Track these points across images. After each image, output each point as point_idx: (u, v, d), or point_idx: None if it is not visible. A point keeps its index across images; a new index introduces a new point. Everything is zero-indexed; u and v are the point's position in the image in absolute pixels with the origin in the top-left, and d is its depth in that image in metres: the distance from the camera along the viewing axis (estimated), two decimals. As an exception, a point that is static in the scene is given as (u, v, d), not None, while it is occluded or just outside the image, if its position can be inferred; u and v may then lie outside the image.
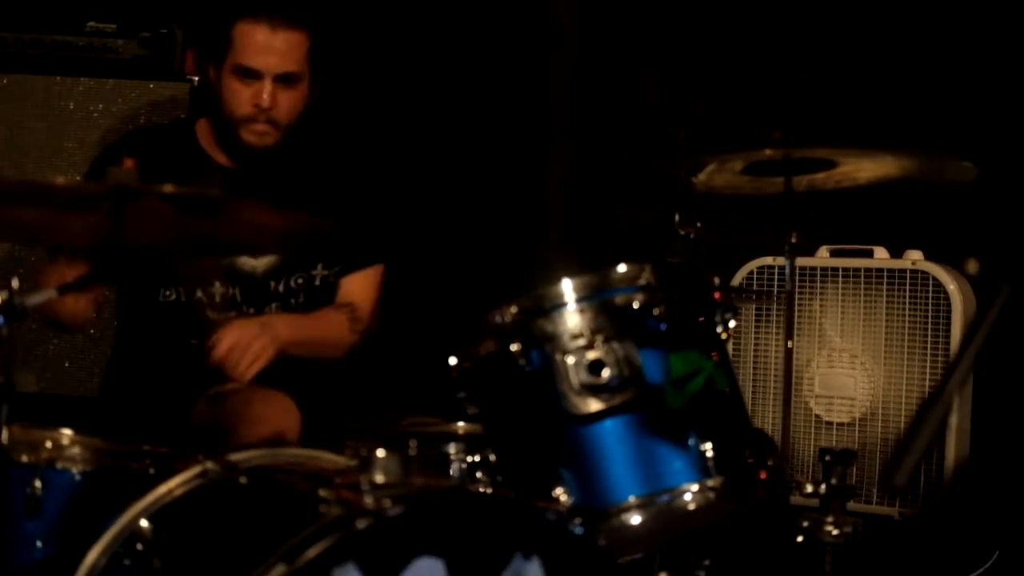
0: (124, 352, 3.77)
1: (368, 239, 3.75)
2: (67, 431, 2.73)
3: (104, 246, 2.67)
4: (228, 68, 3.53)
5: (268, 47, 3.50)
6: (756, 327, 4.27)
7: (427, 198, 4.57)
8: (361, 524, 2.19)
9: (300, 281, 3.67)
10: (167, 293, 3.60)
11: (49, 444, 2.68)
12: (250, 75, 3.51)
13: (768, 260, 4.24)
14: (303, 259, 3.68)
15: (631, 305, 2.62)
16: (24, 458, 2.63)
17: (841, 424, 4.16)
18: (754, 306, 4.24)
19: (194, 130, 3.71)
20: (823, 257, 4.21)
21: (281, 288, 3.65)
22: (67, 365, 4.29)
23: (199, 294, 3.59)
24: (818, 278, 4.19)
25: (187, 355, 3.57)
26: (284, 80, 3.53)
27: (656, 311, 2.62)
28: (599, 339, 2.58)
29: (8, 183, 2.74)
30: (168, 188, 2.54)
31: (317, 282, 3.69)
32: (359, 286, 3.76)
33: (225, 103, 3.55)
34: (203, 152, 3.66)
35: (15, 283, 2.30)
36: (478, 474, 2.63)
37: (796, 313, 3.95)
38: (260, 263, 3.63)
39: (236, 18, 3.51)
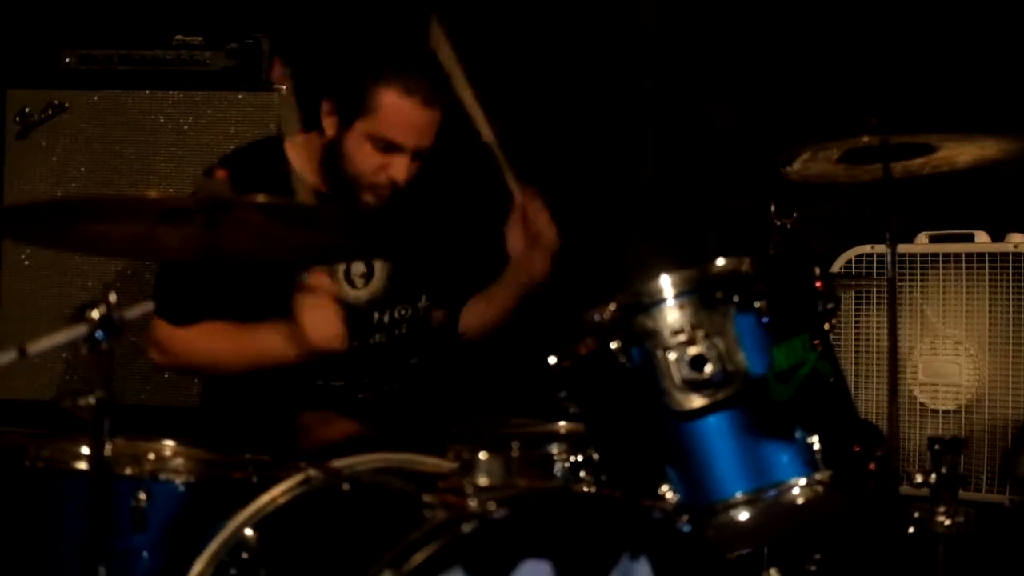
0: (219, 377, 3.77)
1: (475, 269, 3.75)
2: (169, 442, 2.74)
3: (200, 257, 2.66)
4: (362, 131, 3.41)
5: (416, 125, 3.40)
6: (856, 316, 4.20)
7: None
8: (467, 528, 2.17)
9: (404, 312, 3.65)
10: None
11: (152, 456, 2.69)
12: (391, 148, 3.41)
13: (867, 248, 4.17)
14: (407, 290, 3.65)
15: (731, 298, 2.58)
16: (128, 471, 2.64)
17: (947, 411, 4.09)
18: (854, 295, 4.18)
19: (284, 148, 3.63)
20: (923, 243, 4.14)
21: (386, 319, 3.63)
22: (167, 376, 4.31)
23: None
24: (918, 264, 4.12)
25: (283, 386, 3.54)
26: (418, 155, 3.45)
27: (757, 304, 2.58)
28: (700, 334, 2.55)
29: (103, 199, 2.75)
30: (260, 199, 2.55)
31: (422, 314, 3.68)
32: None
33: (349, 161, 3.45)
34: (293, 170, 3.57)
35: (112, 297, 2.30)
36: (582, 473, 2.61)
37: (897, 300, 3.89)
38: (364, 293, 3.60)
39: (381, 83, 3.39)
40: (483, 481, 2.39)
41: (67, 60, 4.46)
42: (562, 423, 2.91)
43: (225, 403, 3.65)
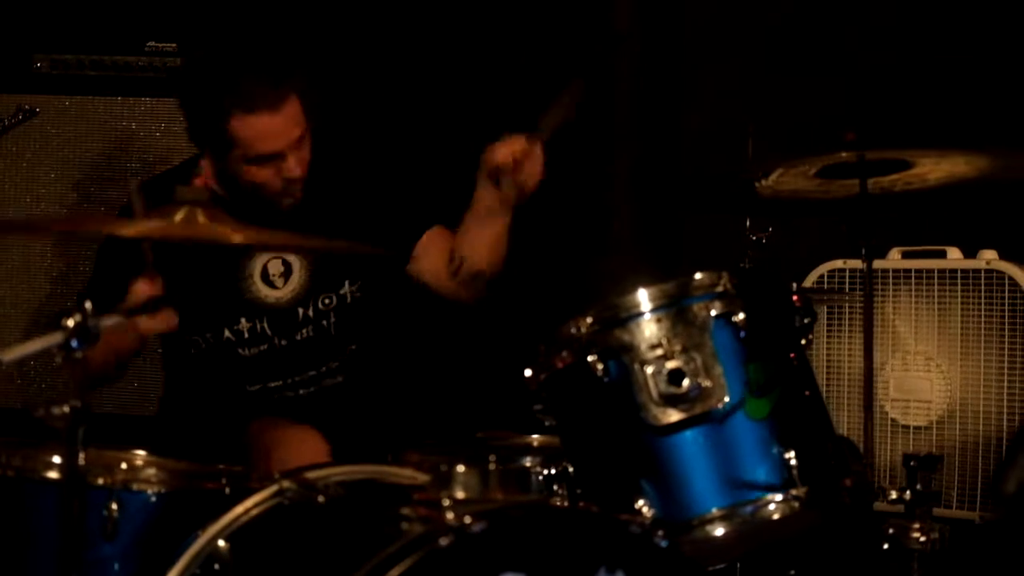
0: (172, 386, 3.83)
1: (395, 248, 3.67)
2: (141, 452, 2.71)
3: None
4: (241, 158, 3.40)
5: (274, 131, 3.38)
6: (828, 332, 4.19)
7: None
8: (444, 542, 2.15)
9: (328, 301, 3.63)
10: (197, 340, 3.57)
11: (124, 466, 2.66)
12: (270, 158, 3.41)
13: (839, 263, 4.16)
14: (329, 279, 3.63)
15: (709, 313, 2.57)
16: (100, 480, 2.61)
17: (918, 428, 4.08)
18: (825, 311, 4.17)
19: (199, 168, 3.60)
20: (895, 259, 4.14)
21: (311, 313, 3.61)
22: (136, 385, 4.28)
23: (227, 334, 3.57)
24: (890, 280, 4.11)
25: (226, 394, 3.59)
26: (300, 141, 3.44)
27: (734, 318, 2.58)
28: (677, 348, 2.54)
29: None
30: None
31: (348, 300, 3.65)
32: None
33: (244, 183, 3.46)
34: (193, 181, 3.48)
35: (88, 305, 2.28)
36: (556, 487, 2.60)
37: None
38: (284, 292, 3.59)
39: (230, 114, 3.36)
40: (460, 494, 2.37)
41: (38, 64, 4.42)
42: (535, 436, 2.90)
43: (181, 412, 3.66)
